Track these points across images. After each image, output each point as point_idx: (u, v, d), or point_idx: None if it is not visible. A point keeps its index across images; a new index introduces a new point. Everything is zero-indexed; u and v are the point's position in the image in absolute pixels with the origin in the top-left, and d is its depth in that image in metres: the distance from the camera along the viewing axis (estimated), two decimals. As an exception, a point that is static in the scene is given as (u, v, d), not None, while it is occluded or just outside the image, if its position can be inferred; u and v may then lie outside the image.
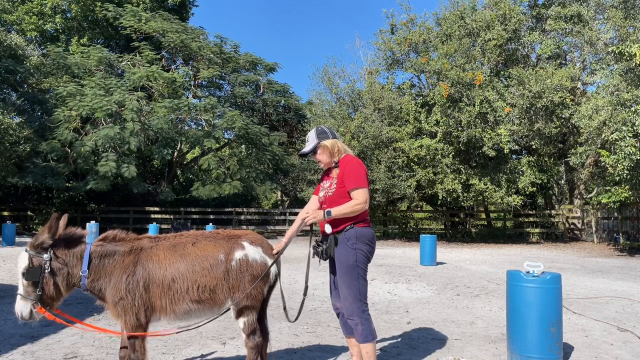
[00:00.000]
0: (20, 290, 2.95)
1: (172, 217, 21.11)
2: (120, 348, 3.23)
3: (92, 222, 14.79)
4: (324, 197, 3.40)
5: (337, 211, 3.19)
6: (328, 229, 3.23)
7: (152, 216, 21.13)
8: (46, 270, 2.95)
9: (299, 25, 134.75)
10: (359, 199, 3.21)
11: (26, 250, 2.98)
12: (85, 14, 21.85)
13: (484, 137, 15.94)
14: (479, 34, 17.21)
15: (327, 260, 3.38)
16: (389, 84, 18.41)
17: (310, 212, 3.27)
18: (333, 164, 3.44)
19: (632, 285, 8.18)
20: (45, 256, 2.95)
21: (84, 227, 4.63)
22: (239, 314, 3.20)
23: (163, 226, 19.18)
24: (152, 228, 14.95)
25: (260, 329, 3.29)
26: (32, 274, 2.92)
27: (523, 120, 16.40)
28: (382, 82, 18.83)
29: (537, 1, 19.87)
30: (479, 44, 17.14)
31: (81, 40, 21.88)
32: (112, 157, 16.96)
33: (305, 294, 3.45)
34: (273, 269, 3.30)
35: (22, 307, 2.93)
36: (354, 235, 3.25)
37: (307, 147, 3.46)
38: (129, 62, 20.13)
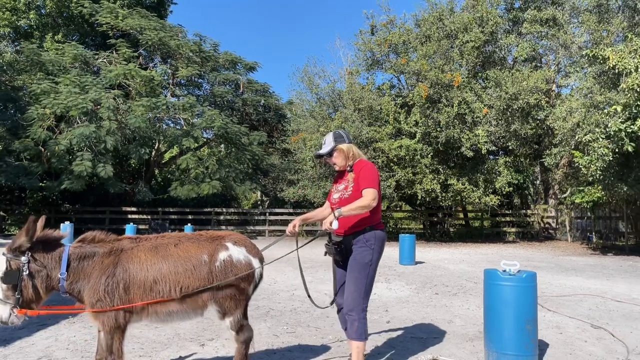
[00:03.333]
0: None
1: (149, 217, 20.81)
2: (97, 352, 3.18)
3: (67, 222, 14.47)
4: (339, 198, 3.55)
5: (347, 209, 3.33)
6: (335, 225, 3.33)
7: (129, 216, 20.80)
8: (24, 273, 2.92)
9: (280, 24, 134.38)
10: (368, 197, 3.36)
11: (3, 254, 2.95)
12: (60, 10, 21.38)
13: (462, 137, 16.15)
14: (457, 36, 17.42)
15: (333, 259, 3.60)
16: (369, 85, 18.48)
17: (324, 222, 3.37)
18: (348, 168, 3.61)
19: (604, 283, 8.38)
20: (23, 259, 2.92)
21: (57, 228, 4.53)
22: (224, 314, 3.21)
23: (140, 227, 18.89)
24: (129, 228, 14.69)
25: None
26: (10, 277, 2.90)
27: (500, 122, 16.66)
28: (362, 82, 18.89)
29: (513, 4, 20.22)
30: (457, 46, 17.34)
31: (56, 37, 21.40)
32: (88, 156, 16.62)
33: (308, 295, 3.62)
34: (258, 270, 3.33)
35: (0, 310, 2.90)
36: (373, 236, 3.45)
37: (324, 149, 3.64)
38: (105, 60, 19.78)
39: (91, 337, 4.65)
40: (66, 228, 13.08)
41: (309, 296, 3.63)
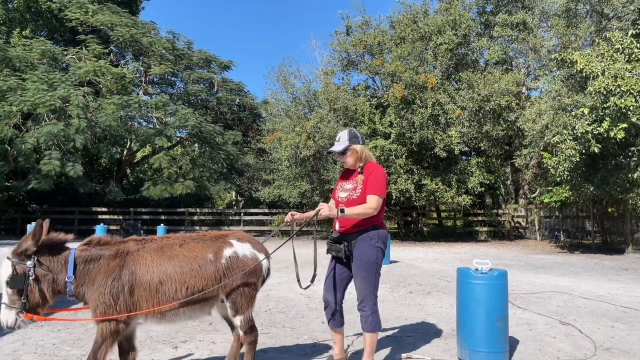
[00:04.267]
0: (5, 299, 2.87)
1: (121, 217, 20.38)
2: None
3: (34, 223, 14.02)
4: (347, 198, 3.61)
5: (349, 211, 3.42)
6: (337, 226, 3.42)
7: (100, 217, 20.31)
8: (30, 278, 2.88)
9: (255, 23, 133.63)
10: (371, 204, 3.46)
11: (9, 258, 2.90)
12: (28, 5, 20.73)
13: (436, 138, 16.37)
14: (431, 38, 17.65)
15: (330, 257, 3.72)
16: (345, 85, 18.55)
17: (326, 206, 3.43)
18: (358, 169, 3.65)
19: (572, 280, 8.62)
20: (29, 263, 2.89)
21: (24, 229, 4.41)
22: (236, 312, 3.23)
23: (111, 227, 18.48)
24: (99, 229, 14.36)
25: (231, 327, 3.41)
26: (16, 282, 2.87)
27: (472, 123, 16.96)
28: (338, 82, 18.95)
29: (485, 8, 20.62)
30: (431, 48, 17.57)
31: (23, 32, 20.73)
32: (56, 155, 16.17)
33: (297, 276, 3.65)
34: (265, 264, 3.40)
35: (7, 315, 2.87)
36: (376, 235, 3.55)
37: (338, 147, 3.66)
38: (74, 56, 19.27)
39: (59, 340, 4.52)
40: (32, 229, 12.70)
41: (297, 278, 3.58)
